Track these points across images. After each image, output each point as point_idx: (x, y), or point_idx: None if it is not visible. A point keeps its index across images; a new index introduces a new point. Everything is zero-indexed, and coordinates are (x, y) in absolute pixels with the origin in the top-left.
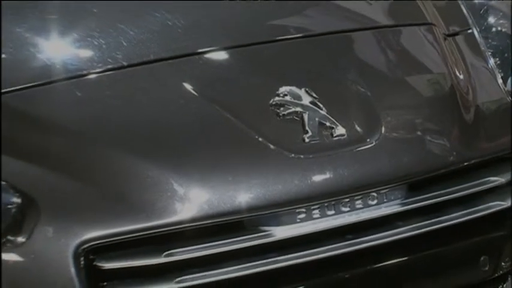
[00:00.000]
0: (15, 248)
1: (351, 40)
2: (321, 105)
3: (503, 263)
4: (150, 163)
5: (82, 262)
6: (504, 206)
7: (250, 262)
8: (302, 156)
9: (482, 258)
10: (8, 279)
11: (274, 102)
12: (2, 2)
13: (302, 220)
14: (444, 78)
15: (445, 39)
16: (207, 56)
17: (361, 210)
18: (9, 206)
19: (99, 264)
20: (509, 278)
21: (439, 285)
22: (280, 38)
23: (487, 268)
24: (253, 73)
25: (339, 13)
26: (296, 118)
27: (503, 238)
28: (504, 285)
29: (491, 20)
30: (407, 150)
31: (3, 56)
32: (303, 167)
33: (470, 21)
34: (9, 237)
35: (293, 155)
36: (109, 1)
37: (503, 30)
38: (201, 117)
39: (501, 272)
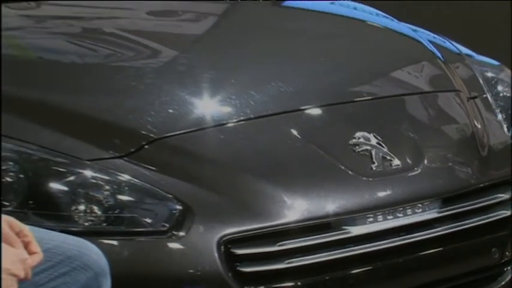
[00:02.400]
0: (178, 239)
1: (403, 101)
2: (383, 145)
3: (507, 253)
4: (268, 183)
5: (222, 249)
6: (508, 214)
7: (335, 250)
8: (371, 179)
9: (493, 250)
10: (174, 260)
11: (352, 143)
12: None
13: (370, 222)
14: (467, 127)
15: (468, 100)
16: (307, 111)
17: (410, 216)
18: (174, 211)
19: (234, 250)
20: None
21: (464, 267)
22: (356, 99)
23: (496, 256)
24: (338, 123)
25: (394, 82)
26: (366, 153)
27: (507, 236)
28: (508, 268)
29: (500, 88)
30: (441, 175)
31: (171, 110)
32: (371, 186)
33: (485, 88)
34: (174, 232)
35: (364, 178)
36: (243, 74)
37: (507, 95)
38: (303, 153)
39: (506, 259)
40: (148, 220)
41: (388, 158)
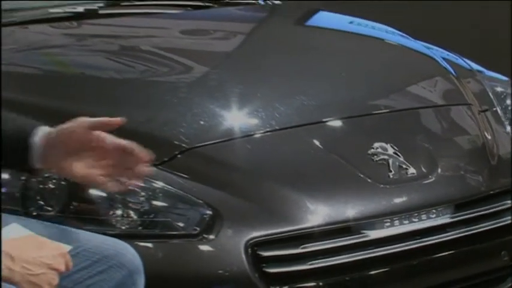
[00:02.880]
0: (208, 242)
1: (418, 114)
2: (400, 154)
3: None
4: (292, 190)
5: (249, 251)
6: None
7: (355, 253)
8: (388, 186)
9: (502, 252)
10: (204, 262)
11: (370, 152)
12: None
13: (387, 227)
14: (478, 138)
15: (479, 113)
16: (328, 123)
17: (425, 221)
18: (204, 216)
19: (260, 252)
20: None
21: (475, 268)
22: (374, 112)
23: (506, 258)
24: (357, 134)
25: (410, 96)
26: (384, 162)
27: None
28: None
29: (508, 101)
30: (454, 183)
31: (201, 122)
32: (388, 193)
33: (495, 102)
34: (204, 236)
35: (382, 185)
36: (269, 89)
37: None
38: (324, 162)
39: None
40: (181, 224)
41: (404, 166)
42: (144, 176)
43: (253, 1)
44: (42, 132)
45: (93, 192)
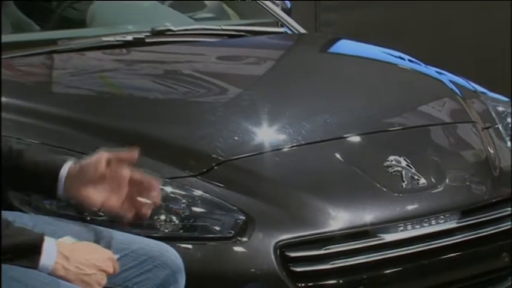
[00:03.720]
0: (241, 244)
1: (428, 130)
2: (412, 167)
3: None
4: (316, 197)
5: (278, 252)
6: None
7: (371, 254)
8: (401, 195)
9: (504, 254)
10: (238, 262)
11: (385, 164)
12: None
13: (401, 231)
14: (482, 152)
15: (482, 130)
16: (348, 138)
17: (434, 225)
18: (238, 221)
19: (287, 253)
20: None
21: (479, 268)
22: (389, 129)
23: (506, 259)
24: (374, 148)
25: (421, 114)
26: (398, 173)
27: None
28: None
29: (509, 120)
30: (460, 192)
31: (236, 137)
32: (401, 201)
33: (497, 120)
34: (238, 238)
35: (396, 194)
36: (295, 108)
37: None
38: (345, 173)
39: None
40: (217, 228)
41: (416, 177)
42: (154, 201)
43: (282, 30)
44: (67, 166)
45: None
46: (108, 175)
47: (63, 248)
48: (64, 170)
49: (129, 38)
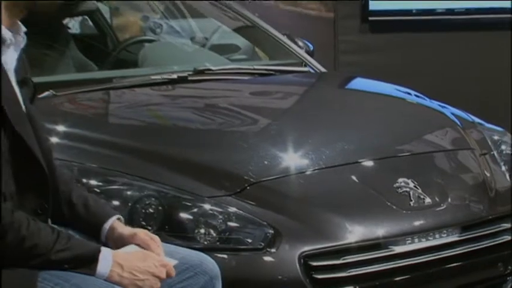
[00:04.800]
0: (270, 254)
1: (433, 156)
2: (418, 187)
3: (509, 266)
4: (335, 214)
5: (302, 261)
6: (509, 239)
7: (383, 263)
8: (409, 212)
9: (499, 264)
10: (267, 269)
11: (395, 186)
12: None
13: (409, 243)
14: (479, 175)
15: (479, 156)
16: (363, 163)
17: (438, 239)
18: (267, 234)
19: (310, 263)
20: None
21: (477, 276)
22: (398, 155)
23: (501, 269)
24: (385, 171)
25: (426, 142)
26: (406, 194)
27: (509, 254)
28: (510, 277)
29: (503, 147)
30: (461, 210)
31: (266, 162)
32: (409, 217)
33: (492, 148)
34: (267, 249)
35: (404, 211)
36: (317, 136)
37: (509, 152)
38: (360, 193)
39: (508, 271)
40: (249, 240)
41: (422, 197)
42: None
43: (305, 69)
44: (111, 221)
45: (183, 215)
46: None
47: (118, 257)
48: (107, 224)
49: (174, 76)
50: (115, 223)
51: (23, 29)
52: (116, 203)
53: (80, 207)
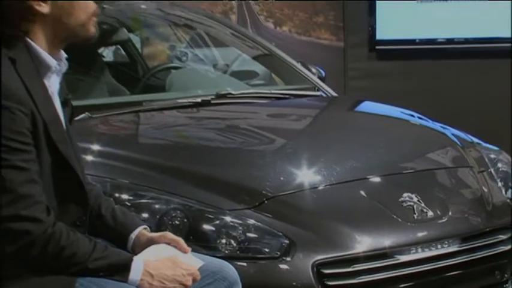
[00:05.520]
0: (286, 263)
1: (435, 173)
2: (422, 202)
3: (506, 275)
4: (345, 225)
5: (315, 269)
6: (506, 249)
7: (389, 271)
8: (413, 224)
9: (496, 272)
10: (283, 276)
11: (400, 200)
12: None
13: (413, 253)
14: (478, 191)
15: (478, 173)
16: (370, 179)
17: (439, 249)
18: (283, 244)
19: (322, 270)
20: (509, 282)
21: (476, 284)
22: (403, 171)
23: (498, 277)
24: (391, 186)
25: (429, 160)
26: (410, 207)
27: (505, 263)
28: (507, 285)
29: (499, 165)
30: (460, 222)
31: (282, 178)
32: (413, 229)
33: (489, 165)
34: (283, 258)
35: (409, 223)
36: (328, 155)
37: (505, 169)
38: (368, 206)
39: (505, 278)
40: (266, 249)
41: (425, 210)
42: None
43: (318, 94)
44: (138, 231)
45: (207, 227)
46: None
47: (149, 266)
48: (135, 233)
49: (198, 100)
50: (142, 231)
51: (64, 55)
52: (145, 215)
53: (108, 218)
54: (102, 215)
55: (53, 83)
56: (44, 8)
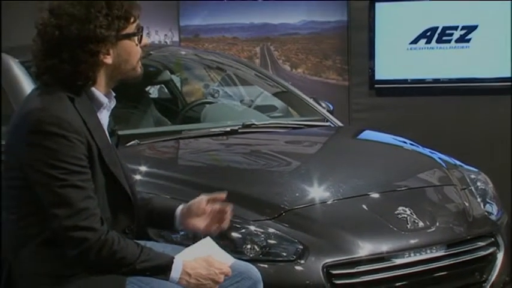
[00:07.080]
0: (300, 265)
1: (424, 190)
2: (414, 214)
3: (484, 276)
4: (349, 233)
5: (325, 270)
6: (484, 254)
7: (387, 272)
8: (407, 233)
9: (476, 273)
10: (298, 276)
11: (396, 212)
12: None
13: (407, 257)
14: (460, 205)
15: (460, 190)
16: (371, 195)
17: (429, 253)
18: (298, 249)
19: (331, 271)
20: (487, 282)
21: (460, 282)
22: (397, 189)
23: (478, 277)
24: (388, 201)
25: (419, 180)
26: (404, 218)
27: (484, 266)
28: (485, 284)
29: (478, 183)
30: (446, 231)
31: (297, 194)
32: (407, 237)
33: (470, 184)
34: (298, 261)
35: (403, 232)
36: (336, 175)
37: (483, 187)
38: (369, 218)
39: (483, 278)
40: (284, 254)
41: (416, 221)
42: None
43: (326, 124)
44: (180, 207)
45: (234, 234)
46: (207, 210)
47: (187, 266)
48: (178, 210)
49: (228, 129)
50: (181, 207)
51: (113, 93)
52: None
53: (149, 212)
54: (149, 208)
55: (104, 117)
56: (109, 60)
